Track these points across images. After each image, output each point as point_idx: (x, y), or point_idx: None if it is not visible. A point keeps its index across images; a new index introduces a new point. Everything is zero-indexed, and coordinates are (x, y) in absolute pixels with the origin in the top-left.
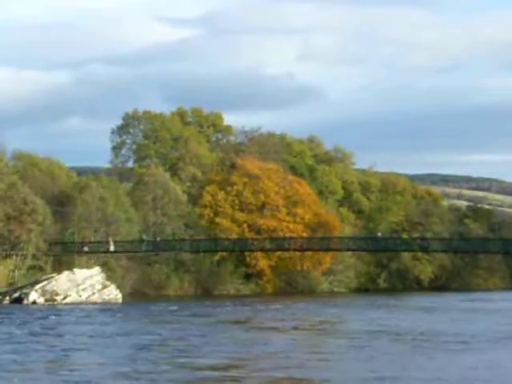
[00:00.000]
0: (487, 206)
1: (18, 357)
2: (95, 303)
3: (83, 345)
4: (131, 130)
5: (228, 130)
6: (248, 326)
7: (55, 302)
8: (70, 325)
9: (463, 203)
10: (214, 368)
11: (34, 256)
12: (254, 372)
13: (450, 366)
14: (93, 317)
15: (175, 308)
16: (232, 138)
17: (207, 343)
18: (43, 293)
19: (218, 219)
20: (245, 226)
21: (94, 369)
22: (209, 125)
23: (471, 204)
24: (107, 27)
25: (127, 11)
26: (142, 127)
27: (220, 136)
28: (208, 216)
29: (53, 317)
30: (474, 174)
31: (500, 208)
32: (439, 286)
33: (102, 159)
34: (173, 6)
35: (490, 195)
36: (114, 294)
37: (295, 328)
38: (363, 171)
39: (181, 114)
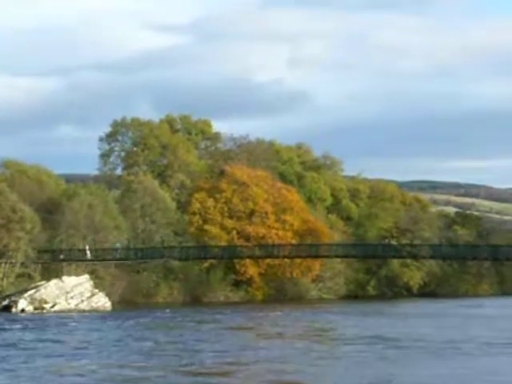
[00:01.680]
0: (476, 213)
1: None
2: (84, 311)
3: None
4: (120, 138)
5: (216, 137)
6: (255, 332)
7: (44, 310)
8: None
9: (452, 210)
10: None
11: (22, 264)
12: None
13: (445, 372)
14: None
15: (175, 315)
16: (221, 145)
17: (224, 349)
18: (32, 301)
19: (206, 226)
20: (234, 233)
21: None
22: (197, 132)
23: (460, 210)
24: (97, 34)
25: (117, 18)
26: (130, 134)
27: (209, 143)
28: (197, 223)
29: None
30: (462, 181)
31: (488, 214)
32: (428, 292)
33: (91, 166)
34: (163, 13)
35: (478, 201)
36: (102, 301)
37: (302, 335)
38: (352, 178)
39: (169, 122)
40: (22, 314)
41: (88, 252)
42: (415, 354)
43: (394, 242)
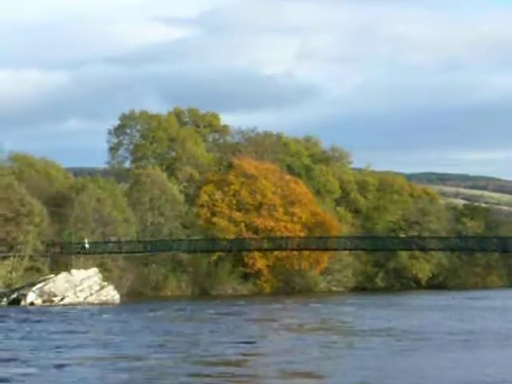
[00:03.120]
0: (484, 205)
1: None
2: (93, 304)
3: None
4: (128, 131)
5: (225, 129)
6: (281, 323)
7: (53, 303)
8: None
9: (460, 202)
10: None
11: (31, 257)
12: None
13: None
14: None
15: (193, 307)
16: (229, 138)
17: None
18: (41, 294)
19: (215, 219)
20: (242, 225)
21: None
22: (205, 125)
23: (468, 202)
24: (105, 27)
25: (125, 11)
26: (138, 127)
27: (217, 136)
28: (205, 216)
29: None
30: (471, 173)
31: (497, 206)
32: (437, 284)
33: (100, 160)
34: (170, 6)
35: (486, 193)
36: (111, 294)
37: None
38: (360, 170)
39: (177, 114)
40: (32, 307)
41: (87, 245)
42: (429, 346)
43: (402, 235)
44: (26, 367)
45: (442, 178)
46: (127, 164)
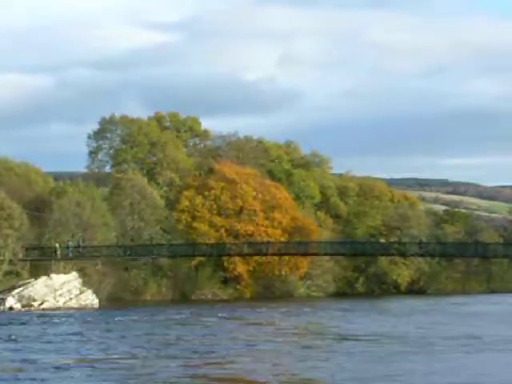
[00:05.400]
0: (464, 210)
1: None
2: (72, 309)
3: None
4: (108, 135)
5: (205, 134)
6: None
7: (32, 308)
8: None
9: (440, 207)
10: None
11: (10, 261)
12: None
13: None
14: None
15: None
16: (209, 143)
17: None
18: (20, 298)
19: (195, 224)
20: (222, 230)
21: None
22: (186, 129)
23: (448, 208)
24: (88, 31)
25: (108, 15)
26: (119, 132)
27: (197, 141)
28: (185, 221)
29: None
30: (451, 178)
31: (476, 212)
32: (416, 289)
33: (80, 164)
34: (154, 11)
35: (466, 199)
36: (90, 299)
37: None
38: (341, 175)
39: (158, 119)
40: (11, 312)
41: (58, 252)
42: (408, 351)
43: (382, 240)
44: None
45: (422, 184)
46: (107, 168)
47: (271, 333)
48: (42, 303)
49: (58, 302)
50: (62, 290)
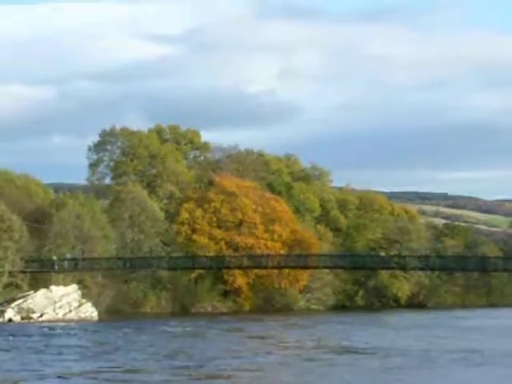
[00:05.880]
0: (463, 224)
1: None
2: (71, 321)
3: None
4: (108, 147)
5: (205, 147)
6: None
7: (31, 320)
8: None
9: (440, 221)
10: None
11: (10, 273)
12: None
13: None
14: None
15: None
16: (209, 156)
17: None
18: (19, 310)
19: (195, 236)
20: (222, 243)
21: None
22: (186, 142)
23: (448, 222)
24: (90, 43)
25: (110, 27)
26: (119, 144)
27: (197, 153)
28: (185, 233)
29: None
30: (451, 192)
31: (476, 225)
32: (416, 303)
33: (80, 176)
34: (156, 23)
35: (466, 213)
36: (89, 311)
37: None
38: (341, 189)
39: (158, 131)
40: (10, 324)
41: (55, 265)
42: (408, 365)
43: (382, 253)
44: None
45: (422, 197)
46: (107, 180)
47: (272, 346)
48: (41, 315)
49: (57, 314)
50: (61, 302)
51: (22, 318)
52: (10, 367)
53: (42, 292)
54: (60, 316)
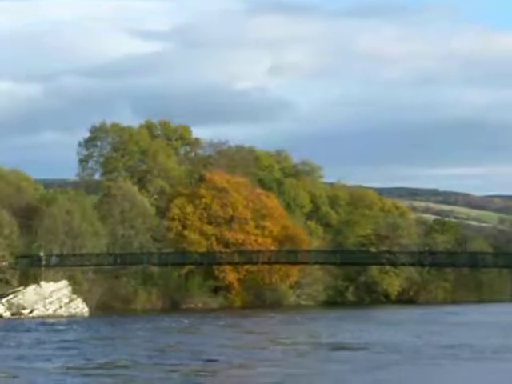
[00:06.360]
0: (454, 220)
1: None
2: (62, 317)
3: None
4: (98, 143)
5: (196, 143)
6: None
7: (22, 316)
8: None
9: (430, 217)
10: None
11: (0, 269)
12: None
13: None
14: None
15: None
16: (200, 151)
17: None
18: (9, 306)
19: (186, 232)
20: (213, 239)
21: None
22: (177, 138)
23: (438, 217)
24: (78, 40)
25: (99, 24)
26: (109, 140)
27: (188, 149)
28: (176, 229)
29: None
30: (441, 188)
31: (466, 221)
32: (406, 299)
33: (70, 172)
34: (145, 19)
35: (456, 208)
36: (80, 307)
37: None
38: (331, 185)
39: (149, 127)
40: (0, 320)
41: (43, 260)
42: (399, 360)
43: (372, 249)
44: None
45: (413, 193)
46: (97, 176)
47: (265, 341)
48: (31, 311)
49: (47, 310)
50: (51, 298)
51: (13, 314)
52: (0, 362)
53: (32, 288)
54: (50, 312)
